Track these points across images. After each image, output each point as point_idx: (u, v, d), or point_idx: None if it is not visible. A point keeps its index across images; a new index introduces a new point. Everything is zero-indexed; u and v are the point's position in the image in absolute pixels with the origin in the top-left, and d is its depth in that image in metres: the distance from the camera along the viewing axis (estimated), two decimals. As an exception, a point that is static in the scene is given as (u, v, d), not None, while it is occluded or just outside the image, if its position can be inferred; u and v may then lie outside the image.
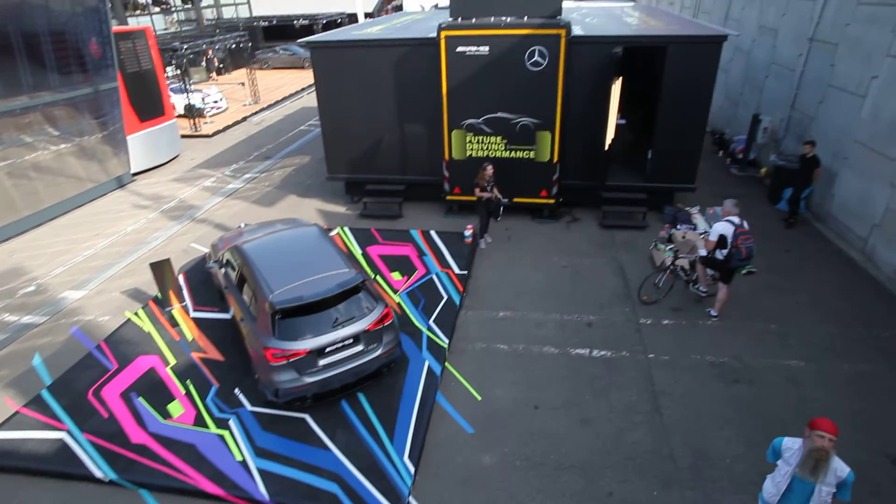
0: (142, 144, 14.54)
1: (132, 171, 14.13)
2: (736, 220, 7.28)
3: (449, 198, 10.88)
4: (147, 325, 7.82)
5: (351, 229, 10.47)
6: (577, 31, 9.64)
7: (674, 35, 9.45)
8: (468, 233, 9.74)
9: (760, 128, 12.63)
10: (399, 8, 42.25)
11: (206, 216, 11.78)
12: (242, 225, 9.07)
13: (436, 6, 47.33)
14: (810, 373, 6.58)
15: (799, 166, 10.07)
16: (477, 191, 9.35)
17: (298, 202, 12.31)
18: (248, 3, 33.35)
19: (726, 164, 13.57)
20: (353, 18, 30.83)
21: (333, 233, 10.31)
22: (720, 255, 7.34)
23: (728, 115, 15.19)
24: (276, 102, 22.95)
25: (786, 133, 12.00)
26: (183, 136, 17.18)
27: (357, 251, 9.60)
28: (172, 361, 7.02)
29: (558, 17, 9.22)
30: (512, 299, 8.24)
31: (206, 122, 19.51)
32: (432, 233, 10.15)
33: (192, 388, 6.53)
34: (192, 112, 18.94)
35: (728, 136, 14.31)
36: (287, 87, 25.54)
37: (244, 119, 20.49)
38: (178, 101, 18.99)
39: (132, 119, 14.11)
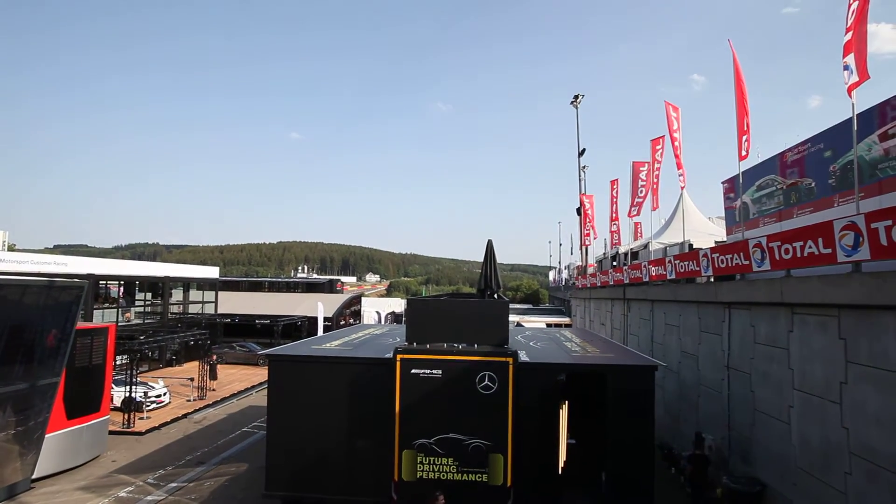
0: (60, 444, 13.27)
1: (35, 475, 12.45)
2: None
3: (396, 523, 9.86)
4: None
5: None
6: (523, 357, 10.56)
7: (610, 364, 10.45)
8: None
9: (706, 446, 12.94)
10: (357, 314, 46.08)
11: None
12: None
13: (392, 313, 51.69)
14: None
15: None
16: (428, 521, 8.59)
17: (224, 525, 10.84)
18: (215, 302, 35.66)
19: (680, 481, 13.33)
20: (311, 321, 32.93)
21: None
22: None
23: (671, 429, 15.69)
24: (223, 399, 22.36)
25: (730, 453, 12.28)
26: (112, 433, 15.95)
27: None
28: None
29: (506, 346, 10.20)
30: None
31: (141, 418, 18.42)
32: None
33: None
34: (129, 406, 18.03)
35: (676, 451, 14.48)
36: (237, 383, 25.32)
37: (185, 416, 19.54)
38: (117, 394, 18.27)
39: (59, 415, 13.19)
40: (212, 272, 37.65)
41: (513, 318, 33.77)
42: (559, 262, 72.02)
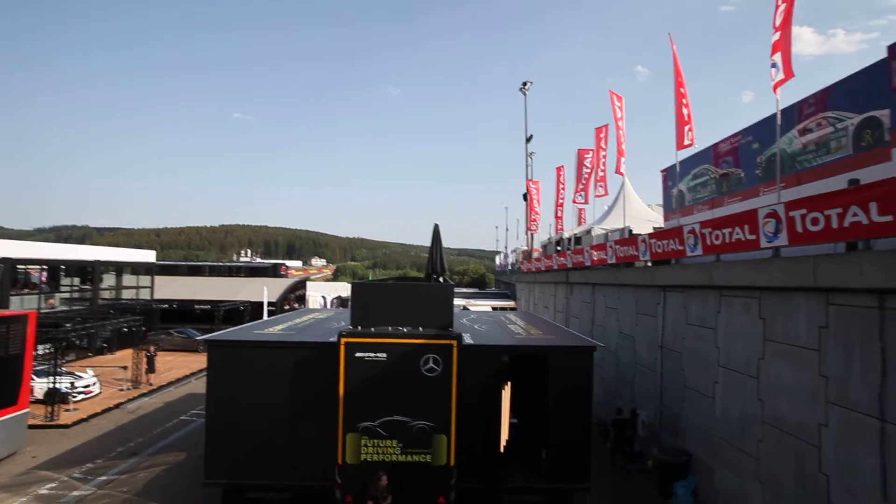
0: (-32, 442, 12.37)
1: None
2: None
3: (340, 507, 9.84)
4: None
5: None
6: (467, 339, 10.68)
7: (551, 346, 10.76)
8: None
9: (639, 421, 13.66)
10: (302, 298, 45.18)
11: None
12: None
13: (338, 298, 50.99)
14: None
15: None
16: (370, 503, 8.63)
17: (160, 515, 10.48)
18: (151, 287, 33.99)
19: (616, 456, 14.01)
20: (255, 306, 32.01)
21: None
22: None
23: (609, 407, 16.39)
24: (161, 387, 21.47)
25: (662, 427, 13.00)
26: (33, 427, 15.00)
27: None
28: None
29: (450, 329, 10.28)
30: None
31: (67, 410, 17.41)
32: (318, 553, 8.79)
33: None
34: (53, 398, 16.98)
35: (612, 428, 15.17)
36: (176, 370, 24.38)
37: (117, 406, 18.64)
38: (39, 385, 17.17)
39: (-32, 411, 12.30)
40: (147, 256, 35.81)
41: (459, 301, 34.10)
42: (505, 247, 73.20)
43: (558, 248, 27.14)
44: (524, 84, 34.08)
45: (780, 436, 8.64)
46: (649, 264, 14.13)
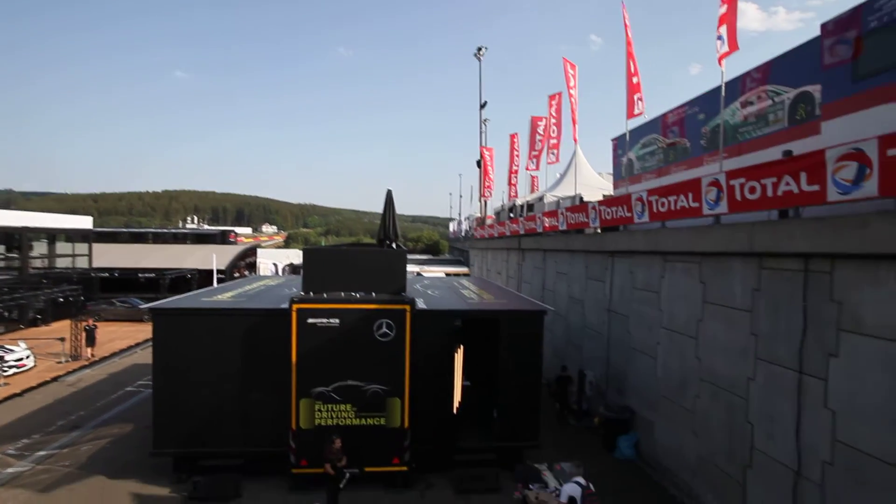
0: None
1: None
2: (582, 481, 7.60)
3: (295, 471, 9.91)
4: None
5: (171, 521, 8.73)
6: (420, 304, 10.76)
7: (503, 310, 11.00)
8: (314, 515, 8.68)
9: (587, 382, 14.28)
10: (252, 266, 44.04)
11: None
12: None
13: (290, 265, 50.00)
14: None
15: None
16: (327, 466, 8.72)
17: (106, 486, 10.21)
18: (89, 255, 32.19)
19: (564, 414, 14.66)
20: (203, 274, 31.01)
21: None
22: (572, 519, 7.39)
23: (559, 369, 17.03)
24: (103, 359, 20.63)
25: (608, 387, 13.64)
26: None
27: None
28: None
29: (403, 294, 10.31)
30: None
31: (-1, 385, 16.51)
32: (273, 517, 8.86)
33: None
34: (-18, 373, 16.06)
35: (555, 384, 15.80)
36: (119, 341, 23.45)
37: (55, 379, 17.80)
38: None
39: None
40: (83, 222, 33.76)
41: (413, 268, 34.18)
42: (459, 214, 73.39)
43: (511, 214, 27.45)
44: (479, 49, 33.62)
45: (714, 391, 9.25)
46: (599, 231, 14.53)
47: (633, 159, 17.30)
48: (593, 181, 23.31)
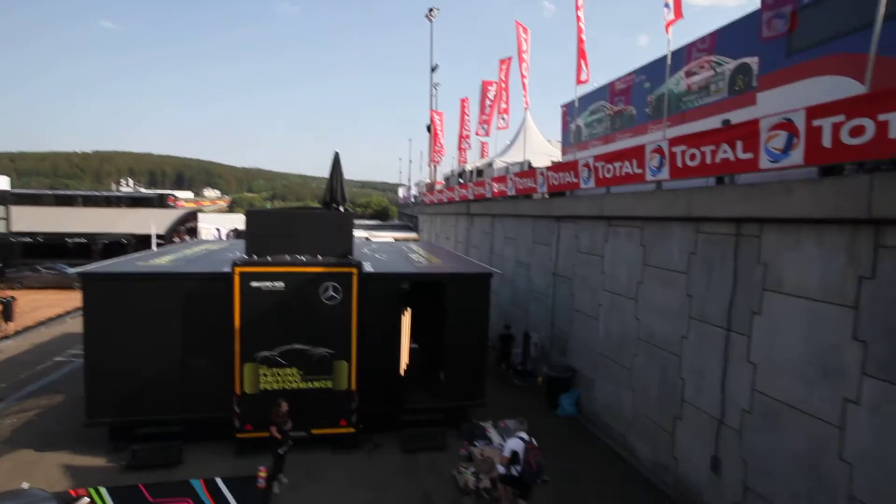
0: None
1: None
2: (525, 436, 7.88)
3: (240, 435, 9.78)
4: None
5: (110, 489, 8.40)
6: (368, 268, 10.65)
7: (450, 273, 11.06)
8: (261, 477, 8.62)
9: (532, 343, 14.72)
10: (193, 231, 42.13)
11: None
12: None
13: (234, 230, 48.19)
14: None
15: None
16: (273, 429, 8.64)
17: (35, 460, 9.70)
18: (7, 218, 29.75)
19: (509, 374, 15.13)
20: (139, 239, 29.42)
21: (84, 500, 8.14)
22: (515, 471, 7.69)
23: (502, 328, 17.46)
24: (27, 329, 19.38)
25: (551, 348, 14.12)
26: None
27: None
28: None
29: (350, 257, 10.16)
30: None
31: None
32: (218, 481, 8.72)
33: None
34: None
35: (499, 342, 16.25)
36: (45, 309, 22.06)
37: (-28, 350, 16.62)
38: None
39: None
40: (-1, 182, 31.16)
41: (361, 233, 33.75)
42: (409, 180, 72.49)
43: (460, 180, 27.42)
44: (430, 10, 32.75)
45: (650, 349, 9.75)
46: (546, 196, 14.75)
47: (582, 126, 17.53)
48: (542, 148, 23.53)
